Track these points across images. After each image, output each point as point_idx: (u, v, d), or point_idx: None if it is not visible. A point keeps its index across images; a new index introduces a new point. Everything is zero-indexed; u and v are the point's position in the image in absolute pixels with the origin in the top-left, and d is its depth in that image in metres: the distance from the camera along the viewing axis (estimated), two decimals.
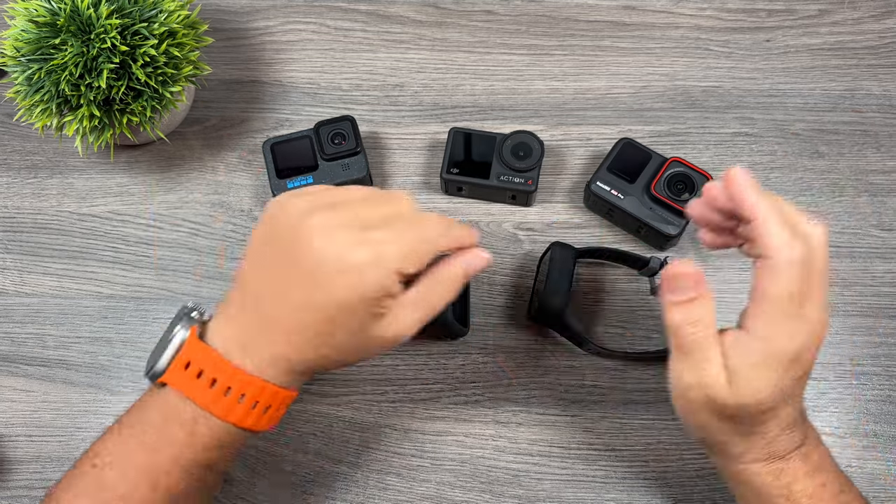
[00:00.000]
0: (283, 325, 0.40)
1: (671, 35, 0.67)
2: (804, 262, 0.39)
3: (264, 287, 0.41)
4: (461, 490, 0.55)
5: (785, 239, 0.39)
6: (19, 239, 0.62)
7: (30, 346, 0.59)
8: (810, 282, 0.40)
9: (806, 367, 0.40)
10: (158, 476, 0.40)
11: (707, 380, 0.40)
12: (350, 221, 0.40)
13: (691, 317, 0.41)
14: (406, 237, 0.40)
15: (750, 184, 0.40)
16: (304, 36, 0.68)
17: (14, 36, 0.54)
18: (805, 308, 0.39)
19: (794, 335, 0.39)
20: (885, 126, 0.64)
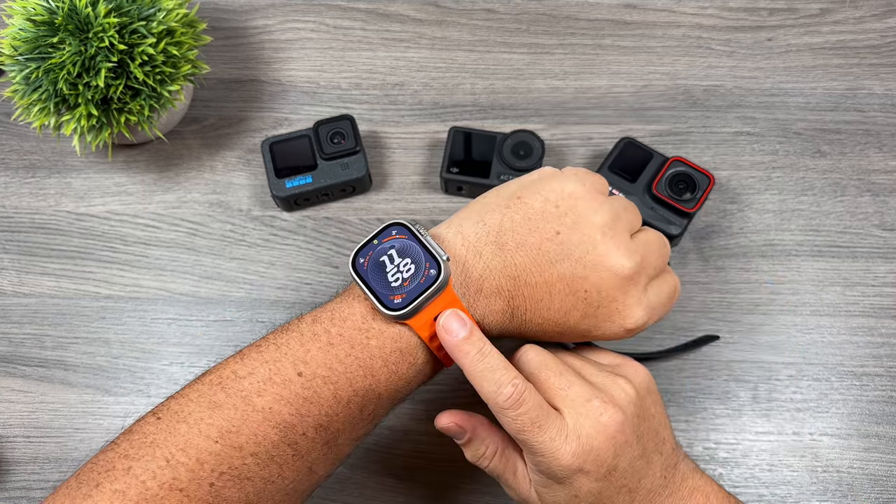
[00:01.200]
0: (526, 317, 0.41)
1: (672, 34, 0.67)
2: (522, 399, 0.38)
3: (531, 278, 0.41)
4: (461, 491, 0.55)
5: (489, 386, 0.39)
6: (17, 239, 0.62)
7: (27, 346, 0.59)
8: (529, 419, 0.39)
9: (604, 463, 0.39)
10: (370, 401, 0.39)
11: (522, 493, 0.42)
12: (645, 275, 0.42)
13: (476, 454, 0.43)
14: (666, 308, 0.44)
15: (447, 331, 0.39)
16: (302, 35, 0.68)
17: (11, 35, 0.54)
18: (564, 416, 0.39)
19: (554, 455, 0.38)
20: (888, 125, 0.63)
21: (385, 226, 0.41)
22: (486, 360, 0.39)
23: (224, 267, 0.61)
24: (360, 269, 0.40)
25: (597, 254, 0.41)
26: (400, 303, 0.39)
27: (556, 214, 0.41)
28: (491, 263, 0.41)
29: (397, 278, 0.39)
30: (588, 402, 0.39)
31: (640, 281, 0.42)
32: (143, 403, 0.57)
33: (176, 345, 0.59)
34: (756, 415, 0.56)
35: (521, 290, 0.41)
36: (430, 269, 0.39)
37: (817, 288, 0.59)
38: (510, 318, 0.42)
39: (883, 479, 0.54)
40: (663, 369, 0.57)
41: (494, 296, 0.41)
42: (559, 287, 0.41)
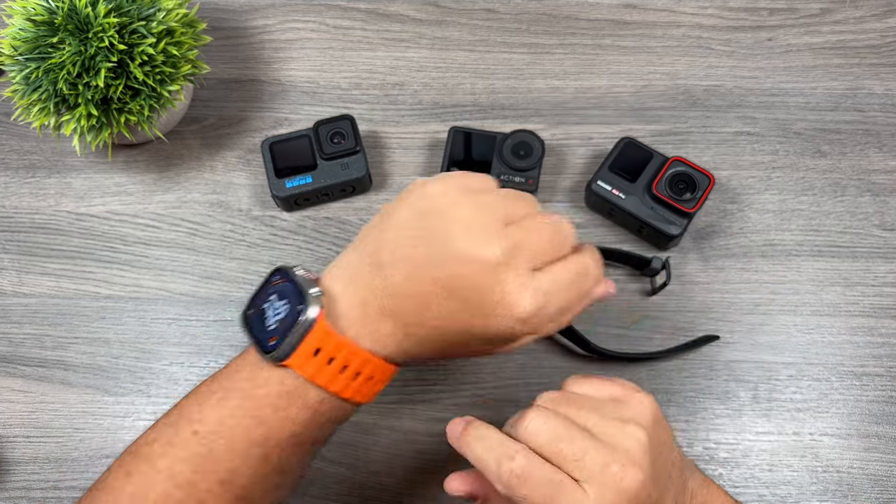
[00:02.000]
0: (420, 333, 0.39)
1: (672, 34, 0.67)
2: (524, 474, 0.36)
3: (408, 289, 0.39)
4: None
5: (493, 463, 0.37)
6: (17, 239, 0.62)
7: (28, 346, 0.59)
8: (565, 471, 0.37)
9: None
10: (272, 450, 0.39)
11: None
12: (523, 260, 0.39)
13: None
14: (570, 294, 0.40)
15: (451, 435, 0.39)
16: (302, 35, 0.68)
17: (11, 35, 0.54)
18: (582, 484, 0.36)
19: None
20: (888, 125, 0.63)
21: (269, 274, 0.41)
22: (483, 440, 0.38)
23: (224, 267, 0.61)
24: (248, 318, 0.40)
25: (460, 247, 0.38)
26: (274, 344, 0.38)
27: (419, 220, 0.40)
28: (371, 285, 0.39)
29: (275, 321, 0.39)
30: (606, 469, 0.36)
31: (518, 265, 0.38)
32: (142, 403, 0.57)
33: (176, 345, 0.59)
34: (756, 415, 0.56)
35: (404, 305, 0.39)
36: (299, 306, 0.38)
37: (817, 288, 0.59)
38: (404, 336, 0.40)
39: (883, 479, 0.54)
40: (663, 369, 0.57)
41: (380, 319, 0.39)
42: (436, 292, 0.38)
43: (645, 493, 0.37)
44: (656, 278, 0.59)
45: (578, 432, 0.37)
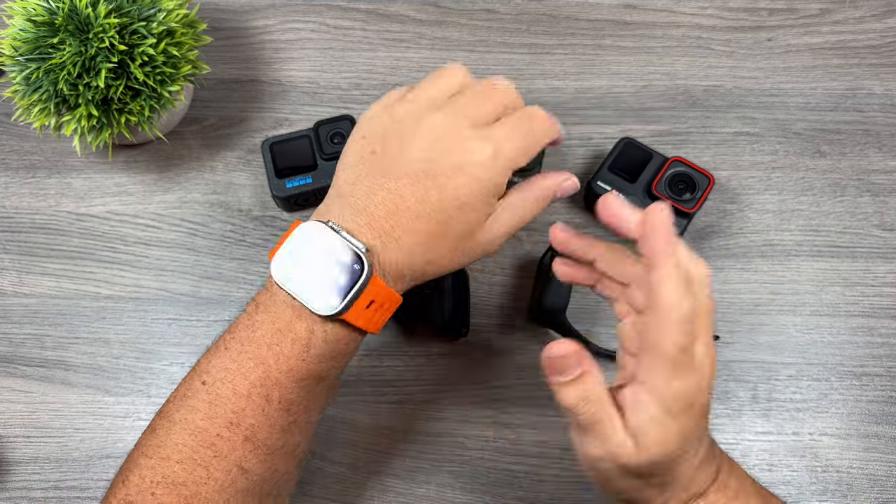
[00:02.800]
0: (397, 233, 0.41)
1: (672, 34, 0.67)
2: (693, 315, 0.37)
3: (376, 198, 0.41)
4: (461, 491, 0.55)
5: (679, 295, 0.36)
6: (17, 239, 0.62)
7: (28, 346, 0.59)
8: (697, 328, 0.37)
9: (704, 407, 0.39)
10: (272, 388, 0.41)
11: (614, 449, 0.39)
12: (463, 120, 0.42)
13: (584, 394, 0.39)
14: (519, 132, 0.42)
15: (666, 228, 0.37)
16: (303, 35, 0.68)
17: (12, 35, 0.54)
18: (692, 354, 0.37)
19: (686, 383, 0.37)
20: (887, 126, 0.63)
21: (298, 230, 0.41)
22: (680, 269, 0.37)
23: (224, 267, 0.61)
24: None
25: (405, 134, 0.42)
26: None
27: (365, 142, 0.43)
28: (341, 213, 0.42)
29: None
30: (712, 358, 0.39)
31: (459, 123, 0.41)
32: (143, 403, 0.57)
33: (176, 345, 0.59)
34: (755, 415, 0.56)
35: (375, 213, 0.41)
36: (354, 265, 0.40)
37: (817, 288, 0.59)
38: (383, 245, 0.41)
39: (883, 479, 0.54)
40: None
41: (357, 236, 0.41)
42: (402, 184, 0.41)
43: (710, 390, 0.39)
44: None
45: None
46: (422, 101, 0.43)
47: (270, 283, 0.42)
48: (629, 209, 0.39)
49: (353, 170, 0.43)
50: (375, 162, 0.42)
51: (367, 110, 0.45)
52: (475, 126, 0.42)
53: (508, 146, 0.42)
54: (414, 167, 0.41)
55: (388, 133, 0.42)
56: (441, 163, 0.41)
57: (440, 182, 0.41)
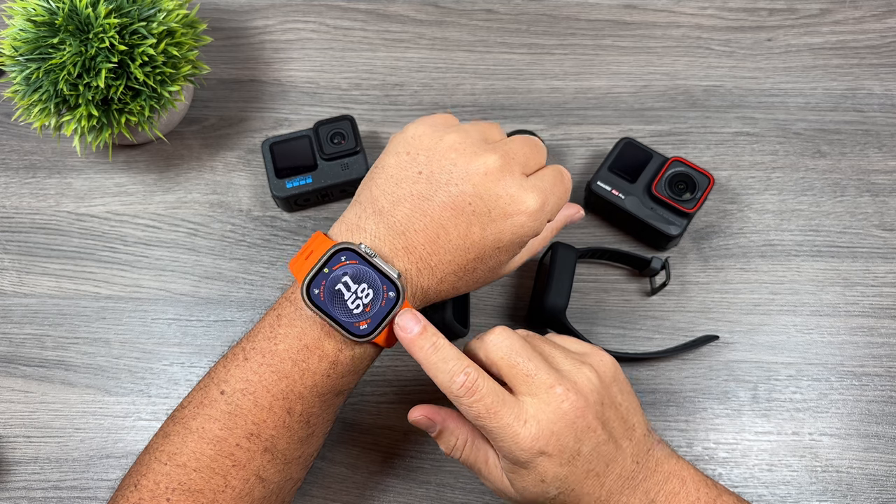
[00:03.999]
0: (433, 262, 0.42)
1: (672, 34, 0.67)
2: (475, 387, 0.40)
3: (417, 223, 0.42)
4: (461, 491, 0.55)
5: (443, 375, 0.40)
6: (17, 239, 0.62)
7: (28, 346, 0.59)
8: (507, 383, 0.41)
9: (568, 446, 0.39)
10: (294, 402, 0.41)
11: (496, 484, 0.43)
12: (515, 165, 0.43)
13: (448, 443, 0.44)
14: (559, 189, 0.45)
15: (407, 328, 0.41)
16: (303, 35, 0.68)
17: (12, 35, 0.54)
18: (521, 403, 0.40)
19: (514, 440, 0.39)
20: (887, 126, 0.63)
21: (333, 252, 0.41)
22: (439, 352, 0.40)
23: (224, 267, 0.61)
24: (316, 300, 0.41)
25: (459, 168, 0.42)
26: (367, 328, 0.41)
27: (410, 159, 0.43)
28: (377, 232, 0.42)
29: (358, 304, 0.40)
30: (551, 390, 0.40)
31: (513, 170, 0.43)
32: (143, 403, 0.57)
33: (176, 345, 0.59)
34: (755, 415, 0.56)
35: (416, 240, 0.41)
36: (389, 292, 0.41)
37: (817, 288, 0.59)
38: (418, 272, 0.42)
39: (882, 479, 0.54)
40: (663, 369, 0.57)
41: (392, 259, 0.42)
42: (446, 216, 0.41)
43: (584, 423, 0.39)
44: (656, 278, 0.59)
45: (536, 355, 0.41)
46: (473, 135, 0.44)
47: (295, 297, 0.42)
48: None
49: (396, 187, 0.42)
50: (420, 184, 0.42)
51: (412, 125, 0.45)
52: (524, 174, 0.43)
53: (553, 199, 0.44)
54: (462, 200, 0.41)
55: (436, 157, 0.42)
56: (490, 203, 0.42)
57: (484, 221, 0.42)
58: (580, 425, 0.40)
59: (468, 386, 0.40)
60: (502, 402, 0.40)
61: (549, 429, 0.39)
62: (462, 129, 0.44)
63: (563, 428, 0.39)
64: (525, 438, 0.39)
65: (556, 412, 0.39)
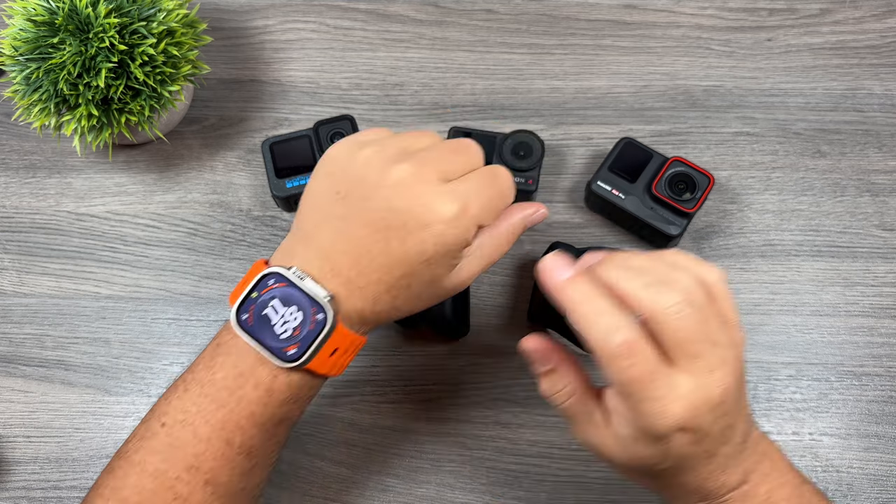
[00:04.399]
0: (362, 282, 0.40)
1: (672, 34, 0.67)
2: (636, 348, 0.35)
3: (340, 246, 0.40)
4: (461, 491, 0.55)
5: (599, 329, 0.36)
6: (17, 239, 0.62)
7: (28, 346, 0.59)
8: (667, 347, 0.36)
9: (704, 430, 0.37)
10: (233, 432, 0.40)
11: (594, 440, 0.40)
12: (430, 172, 0.40)
13: (555, 386, 0.41)
14: (486, 191, 0.41)
15: (548, 275, 0.38)
16: (303, 35, 0.68)
17: (12, 35, 0.54)
18: (676, 374, 0.36)
19: (661, 416, 0.36)
20: (887, 126, 0.63)
21: (260, 277, 0.40)
22: (594, 302, 0.36)
23: (224, 267, 0.61)
24: (244, 325, 0.40)
25: (369, 181, 0.40)
26: (295, 353, 0.39)
27: (329, 180, 0.42)
28: (307, 257, 0.41)
29: (286, 329, 0.39)
30: (711, 374, 0.36)
31: (427, 177, 0.40)
32: (143, 403, 0.57)
33: (176, 345, 0.59)
34: (755, 415, 0.56)
35: (342, 262, 0.40)
36: (318, 315, 0.39)
37: (817, 288, 0.59)
38: (349, 294, 0.40)
39: (883, 478, 0.54)
40: None
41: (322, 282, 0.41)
42: (365, 234, 0.40)
43: (723, 409, 0.37)
44: None
45: (708, 333, 0.36)
46: (390, 149, 0.41)
47: (231, 324, 0.41)
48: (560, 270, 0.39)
49: (317, 210, 0.42)
50: (339, 205, 0.41)
51: (333, 145, 0.43)
52: (442, 180, 0.40)
53: (475, 203, 0.40)
54: (376, 216, 0.40)
55: (353, 176, 0.41)
56: (405, 216, 0.39)
57: (402, 235, 0.39)
58: (720, 410, 0.37)
59: (629, 344, 0.35)
60: (658, 372, 0.35)
61: (696, 411, 0.36)
62: (380, 142, 0.42)
63: (707, 412, 0.36)
64: (672, 416, 0.35)
65: (707, 396, 0.36)
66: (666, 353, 0.36)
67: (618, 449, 0.39)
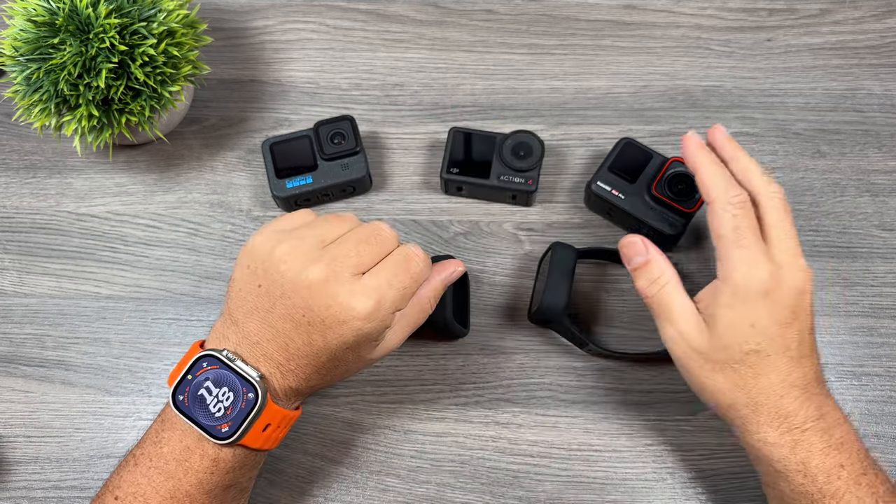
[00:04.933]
0: (292, 366, 0.43)
1: (672, 34, 0.67)
2: (746, 206, 0.44)
3: (266, 335, 0.43)
4: (461, 491, 0.55)
5: (721, 187, 0.45)
6: (17, 239, 0.62)
7: (28, 346, 0.59)
8: (768, 224, 0.44)
9: (786, 309, 0.42)
10: (182, 500, 0.42)
11: (684, 328, 0.45)
12: (344, 270, 0.42)
13: (651, 276, 0.47)
14: (400, 280, 0.44)
15: (694, 144, 0.48)
16: (303, 35, 0.68)
17: (12, 35, 0.54)
18: (770, 250, 0.43)
19: (753, 268, 0.42)
20: (887, 126, 0.63)
21: (195, 360, 0.43)
22: (721, 167, 0.46)
23: (225, 267, 0.61)
24: (181, 405, 0.43)
25: (288, 281, 0.42)
26: (228, 431, 0.42)
27: (250, 273, 0.44)
28: (238, 341, 0.43)
29: (219, 408, 0.42)
30: (796, 259, 0.44)
31: (340, 276, 0.42)
32: (143, 403, 0.57)
33: (177, 345, 0.59)
34: None
35: (269, 348, 0.43)
36: (248, 394, 0.42)
37: (817, 288, 0.59)
38: (282, 375, 0.43)
39: None
40: (664, 369, 0.57)
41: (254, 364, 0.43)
42: (288, 327, 0.42)
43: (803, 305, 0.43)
44: None
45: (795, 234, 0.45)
46: (307, 243, 0.43)
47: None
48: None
49: (244, 301, 0.44)
50: (262, 298, 0.43)
51: (254, 235, 0.45)
52: (356, 275, 0.43)
53: (390, 294, 0.43)
54: (296, 313, 0.42)
55: (270, 270, 0.43)
56: (322, 313, 0.42)
57: (322, 329, 0.42)
58: (803, 301, 0.43)
59: (743, 200, 0.44)
60: (758, 233, 0.44)
61: (785, 279, 0.43)
62: (298, 234, 0.44)
63: (793, 289, 0.43)
64: (766, 269, 0.42)
65: (794, 273, 0.43)
66: (764, 231, 0.44)
67: (705, 331, 0.44)
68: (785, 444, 0.43)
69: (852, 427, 0.44)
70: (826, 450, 0.42)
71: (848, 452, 0.42)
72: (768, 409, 0.43)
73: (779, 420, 0.43)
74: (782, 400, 0.42)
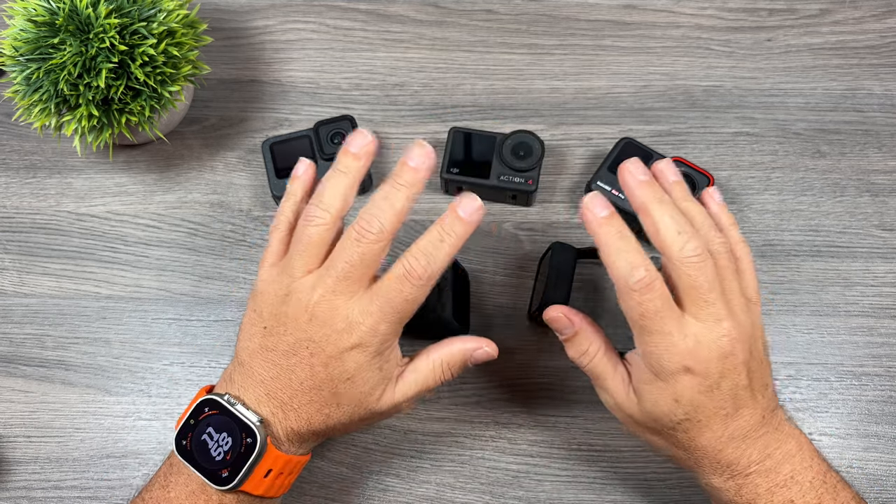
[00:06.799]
0: (295, 404, 0.43)
1: (672, 34, 0.67)
2: (653, 286, 0.40)
3: (270, 373, 0.43)
4: (461, 491, 0.55)
5: (621, 267, 0.40)
6: (17, 239, 0.62)
7: (28, 346, 0.59)
8: (681, 289, 0.41)
9: (710, 378, 0.40)
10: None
11: (617, 399, 0.44)
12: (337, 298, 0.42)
13: (580, 348, 0.45)
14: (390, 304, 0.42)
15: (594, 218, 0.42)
16: (303, 35, 0.68)
17: (12, 35, 0.54)
18: (684, 325, 0.40)
19: (666, 352, 0.40)
20: (887, 126, 0.63)
21: (197, 405, 0.43)
22: (624, 241, 0.41)
23: (225, 267, 0.61)
24: (183, 450, 0.43)
25: (288, 311, 0.43)
26: (228, 476, 0.42)
27: (256, 315, 0.44)
28: (243, 383, 0.44)
29: (220, 453, 0.42)
30: (718, 323, 0.40)
31: (335, 303, 0.42)
32: (143, 403, 0.57)
33: (177, 345, 0.59)
34: None
35: (275, 387, 0.43)
36: (247, 439, 0.42)
37: (817, 288, 0.59)
38: (284, 415, 0.43)
39: (882, 478, 0.54)
40: None
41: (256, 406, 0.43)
42: (292, 363, 0.43)
43: (733, 362, 0.41)
44: None
45: (718, 285, 0.41)
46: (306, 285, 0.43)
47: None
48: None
49: (250, 342, 0.44)
50: (267, 338, 0.44)
51: (258, 278, 0.45)
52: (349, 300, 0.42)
53: (385, 323, 0.42)
54: (299, 347, 0.42)
55: (276, 313, 0.43)
56: (322, 343, 0.42)
57: (323, 360, 0.42)
58: (729, 363, 0.40)
59: (647, 282, 0.40)
60: (671, 309, 0.40)
61: (703, 352, 0.40)
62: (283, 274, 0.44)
63: (714, 357, 0.40)
64: (680, 350, 0.40)
65: (714, 342, 0.40)
66: (679, 299, 0.41)
67: (636, 403, 0.43)
68: (730, 488, 0.43)
69: (808, 454, 0.43)
70: (772, 489, 0.42)
71: (798, 486, 0.42)
72: (709, 461, 0.42)
73: (721, 469, 0.42)
74: (721, 454, 0.42)
